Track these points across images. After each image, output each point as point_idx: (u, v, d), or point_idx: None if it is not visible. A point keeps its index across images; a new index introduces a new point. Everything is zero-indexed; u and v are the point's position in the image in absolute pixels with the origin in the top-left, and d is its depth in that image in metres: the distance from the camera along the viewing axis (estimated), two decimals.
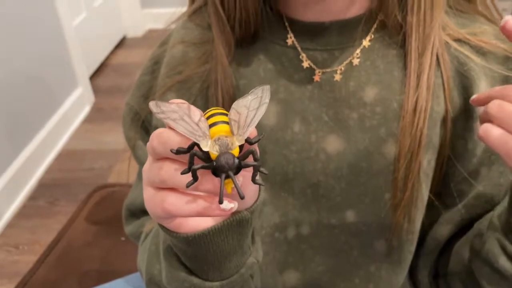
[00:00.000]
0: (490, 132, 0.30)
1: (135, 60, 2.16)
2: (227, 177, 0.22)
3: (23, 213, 1.33)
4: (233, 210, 0.24)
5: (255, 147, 0.24)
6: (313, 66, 0.40)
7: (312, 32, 0.40)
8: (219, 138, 0.23)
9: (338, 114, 0.40)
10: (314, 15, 0.40)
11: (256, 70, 0.41)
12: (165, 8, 2.43)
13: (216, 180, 0.23)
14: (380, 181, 0.41)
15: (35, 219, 1.31)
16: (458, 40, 0.41)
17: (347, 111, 0.40)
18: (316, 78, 0.40)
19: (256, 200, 0.29)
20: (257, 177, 0.24)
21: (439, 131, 0.41)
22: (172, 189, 0.25)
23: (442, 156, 0.42)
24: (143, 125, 0.46)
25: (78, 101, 1.73)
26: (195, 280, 0.31)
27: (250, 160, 0.23)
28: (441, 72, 0.40)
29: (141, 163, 0.46)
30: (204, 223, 0.28)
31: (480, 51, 0.40)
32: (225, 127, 0.24)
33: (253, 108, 0.24)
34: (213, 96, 0.41)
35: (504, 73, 0.40)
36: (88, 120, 1.75)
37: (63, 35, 1.63)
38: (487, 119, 0.32)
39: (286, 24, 0.41)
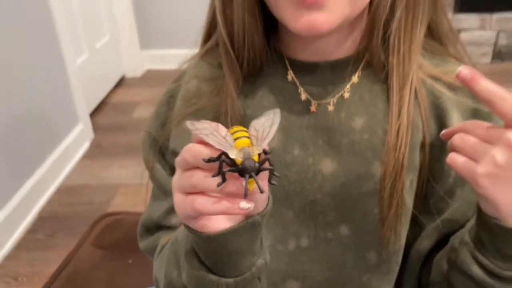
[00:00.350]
0: (456, 160, 0.37)
1: (134, 99, 2.24)
2: (250, 177, 0.28)
3: (22, 245, 1.35)
4: (250, 209, 0.30)
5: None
6: (310, 99, 0.47)
7: (308, 70, 0.47)
8: (242, 148, 0.29)
9: (331, 140, 0.47)
10: (309, 56, 0.47)
11: (260, 102, 0.48)
12: (163, 49, 2.55)
13: (239, 183, 0.29)
14: (369, 198, 0.46)
15: (34, 251, 1.33)
16: (432, 78, 0.47)
17: (339, 138, 0.46)
18: (313, 108, 0.47)
19: (266, 207, 0.34)
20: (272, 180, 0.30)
21: (419, 155, 0.47)
22: (200, 193, 0.31)
23: (422, 177, 0.48)
24: (160, 150, 0.51)
25: (79, 137, 1.78)
26: (213, 277, 0.36)
27: (266, 165, 0.29)
28: (419, 104, 0.46)
29: (158, 183, 0.51)
30: (223, 225, 0.34)
31: (451, 87, 0.47)
32: (246, 140, 0.30)
33: (267, 126, 0.31)
34: (223, 124, 0.47)
35: (473, 105, 0.47)
36: (87, 156, 1.80)
37: (66, 74, 1.71)
38: (453, 149, 0.38)
39: (287, 63, 0.48)
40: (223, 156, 0.29)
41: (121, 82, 2.41)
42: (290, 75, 0.48)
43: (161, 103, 0.52)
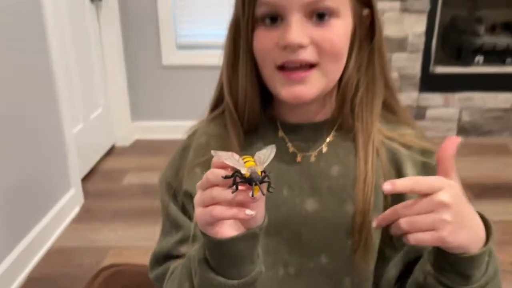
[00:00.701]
0: (421, 238, 0.45)
1: (122, 166, 2.34)
2: (255, 185, 0.40)
3: None
4: (253, 215, 0.41)
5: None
6: (296, 151, 0.60)
7: (294, 130, 0.61)
8: (250, 167, 0.41)
9: (313, 184, 0.59)
10: (295, 119, 0.61)
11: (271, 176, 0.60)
12: (152, 121, 2.70)
13: (247, 194, 0.41)
14: (343, 232, 0.58)
15: None
16: (389, 139, 0.61)
17: (320, 182, 0.59)
18: (298, 159, 0.60)
19: (263, 222, 0.45)
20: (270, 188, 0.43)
21: (382, 198, 0.59)
22: (216, 204, 0.42)
23: None
24: (173, 193, 0.62)
25: (70, 202, 1.85)
26: (220, 279, 0.46)
27: (266, 179, 0.42)
28: (380, 159, 0.59)
29: (171, 218, 0.61)
30: (231, 233, 0.44)
31: (405, 146, 0.61)
32: (252, 163, 0.42)
33: (266, 155, 0.44)
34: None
35: (422, 159, 0.60)
36: (76, 220, 1.85)
37: (64, 141, 1.82)
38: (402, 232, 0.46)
39: (278, 124, 0.61)
40: (236, 173, 0.41)
41: (111, 151, 2.52)
42: (280, 133, 0.61)
43: (176, 155, 0.64)
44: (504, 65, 2.64)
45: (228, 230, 0.44)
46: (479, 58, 2.63)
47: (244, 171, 0.41)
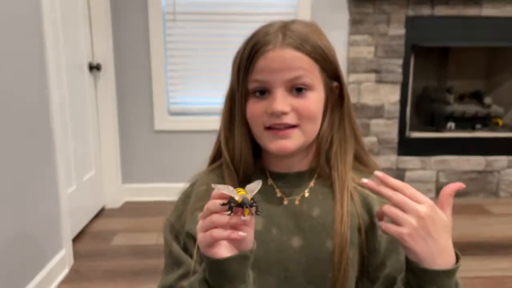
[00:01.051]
0: (389, 227, 0.58)
1: (111, 228, 2.37)
2: (246, 207, 0.50)
3: None
4: (244, 236, 0.51)
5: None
6: (283, 196, 0.71)
7: (282, 178, 0.72)
8: (242, 195, 0.52)
9: (298, 224, 0.69)
10: (282, 169, 0.72)
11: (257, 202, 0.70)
12: (142, 183, 2.78)
13: (239, 218, 0.51)
14: (325, 265, 0.67)
15: None
16: (361, 186, 0.72)
17: (303, 222, 0.69)
18: (285, 202, 0.70)
19: (253, 247, 0.55)
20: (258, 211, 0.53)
21: (357, 236, 0.69)
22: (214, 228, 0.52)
23: (361, 253, 0.69)
24: (176, 234, 0.71)
25: (60, 262, 1.86)
26: None
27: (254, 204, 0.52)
28: (354, 202, 0.70)
29: (174, 255, 0.69)
30: (227, 254, 0.54)
31: (375, 192, 0.72)
32: (244, 192, 0.53)
33: (255, 187, 0.55)
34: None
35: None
36: (66, 281, 1.86)
37: (58, 202, 1.87)
38: (382, 219, 0.59)
39: (267, 173, 0.73)
40: (231, 200, 0.52)
41: (101, 212, 2.56)
42: (270, 181, 0.72)
43: (179, 202, 0.74)
44: (474, 130, 2.84)
45: (224, 252, 0.54)
46: (451, 124, 2.84)
47: (237, 197, 0.51)
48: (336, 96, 0.71)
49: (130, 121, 2.71)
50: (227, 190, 0.53)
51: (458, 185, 0.59)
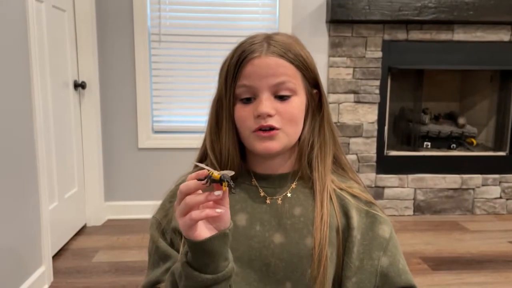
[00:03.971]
0: None
1: (93, 245, 2.36)
2: (226, 181, 0.54)
3: None
4: (222, 213, 0.55)
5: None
6: (266, 195, 0.76)
7: (265, 179, 0.77)
8: (221, 172, 0.55)
9: (280, 221, 0.73)
10: (265, 170, 0.77)
11: (234, 196, 0.75)
12: (124, 201, 2.78)
13: (216, 195, 0.54)
14: (304, 262, 0.71)
15: None
16: (340, 189, 0.77)
17: (285, 220, 0.73)
18: (268, 201, 0.75)
19: (230, 225, 0.59)
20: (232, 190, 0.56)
21: (335, 235, 0.73)
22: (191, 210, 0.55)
23: (339, 252, 0.74)
24: (162, 230, 0.74)
25: (40, 279, 1.85)
26: (203, 275, 0.58)
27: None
28: (333, 203, 0.75)
29: (160, 250, 0.72)
30: (207, 234, 0.57)
31: (352, 195, 0.77)
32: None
33: (227, 173, 0.57)
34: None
35: (365, 208, 0.76)
36: None
37: (39, 218, 1.87)
38: None
39: (252, 174, 0.77)
40: (209, 176, 0.55)
41: (82, 230, 2.55)
42: (254, 181, 0.77)
43: (166, 201, 0.78)
44: (450, 149, 2.94)
45: (205, 233, 0.58)
46: (428, 143, 2.94)
47: (216, 173, 0.55)
48: (316, 103, 0.77)
49: (114, 139, 2.73)
50: (208, 168, 0.56)
51: None
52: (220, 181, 0.55)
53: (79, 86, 2.46)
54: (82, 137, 2.56)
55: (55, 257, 2.16)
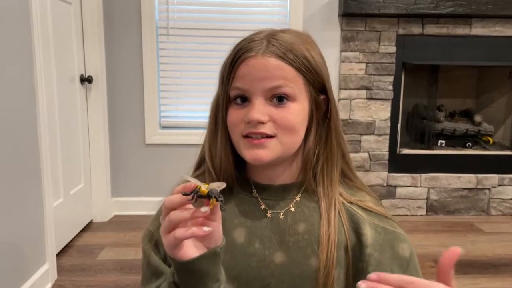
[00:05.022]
0: None
1: (98, 242, 2.33)
2: (214, 198, 0.48)
3: None
4: (209, 231, 0.49)
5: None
6: (267, 208, 0.69)
7: (266, 190, 0.70)
8: (209, 186, 0.49)
9: (282, 238, 0.67)
10: (267, 181, 0.70)
11: (233, 209, 0.68)
12: (131, 197, 2.74)
13: (203, 212, 0.48)
14: (308, 284, 0.64)
15: None
16: (349, 202, 0.70)
17: (287, 237, 0.66)
18: (269, 215, 0.68)
19: (221, 243, 0.53)
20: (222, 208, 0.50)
21: (344, 255, 0.66)
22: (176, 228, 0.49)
23: (348, 274, 0.67)
24: (155, 243, 0.68)
25: (43, 277, 1.82)
26: None
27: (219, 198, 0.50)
28: (341, 219, 0.68)
29: (152, 264, 0.67)
30: (195, 254, 0.51)
31: (365, 210, 0.70)
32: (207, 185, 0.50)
33: (217, 185, 0.51)
34: None
35: (379, 224, 0.68)
36: None
37: (43, 215, 1.84)
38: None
39: (252, 184, 0.71)
40: (196, 190, 0.49)
41: (88, 226, 2.52)
42: (254, 192, 0.70)
43: (160, 210, 0.71)
44: (465, 148, 2.85)
45: (192, 252, 0.52)
46: (442, 142, 2.85)
47: (204, 188, 0.49)
48: (323, 110, 0.69)
49: (121, 134, 2.69)
50: (195, 181, 0.50)
51: (456, 252, 0.48)
52: (208, 196, 0.49)
53: (85, 80, 2.42)
54: (88, 132, 2.53)
55: (60, 253, 2.13)
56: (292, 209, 0.68)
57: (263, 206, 0.69)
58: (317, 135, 0.69)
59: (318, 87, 0.67)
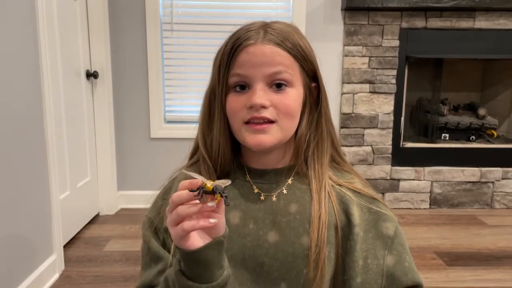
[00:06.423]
0: None
1: (105, 234, 2.38)
2: (219, 193, 0.50)
3: None
4: (216, 223, 0.51)
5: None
6: (260, 192, 0.72)
7: (259, 174, 0.73)
8: (214, 183, 0.51)
9: (275, 219, 0.69)
10: (260, 165, 0.73)
11: (228, 193, 0.71)
12: (137, 191, 2.78)
13: (210, 206, 0.51)
14: (300, 261, 0.67)
15: None
16: (338, 185, 0.73)
17: (280, 218, 0.69)
18: (262, 198, 0.71)
19: (225, 232, 0.55)
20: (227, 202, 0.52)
21: (334, 234, 0.69)
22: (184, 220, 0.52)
23: (338, 251, 0.70)
24: (155, 229, 0.71)
25: (51, 267, 1.87)
26: (197, 285, 0.55)
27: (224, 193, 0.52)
28: (331, 201, 0.71)
29: (152, 251, 0.69)
30: (200, 244, 0.54)
31: (354, 191, 0.73)
32: (212, 182, 0.53)
33: (223, 182, 0.54)
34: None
35: (367, 205, 0.72)
36: (55, 286, 1.85)
37: (50, 207, 1.88)
38: None
39: (246, 169, 0.73)
40: (202, 186, 0.51)
41: (95, 219, 2.57)
42: (247, 177, 0.73)
43: (158, 198, 0.75)
44: (469, 141, 2.85)
45: (198, 242, 0.54)
46: (446, 135, 2.85)
47: (209, 184, 0.52)
48: (315, 97, 0.73)
49: (126, 128, 2.73)
50: (199, 177, 0.53)
51: None
52: (213, 192, 0.52)
53: (91, 75, 2.46)
54: (94, 126, 2.57)
55: (67, 245, 2.18)
56: (285, 191, 0.71)
57: (256, 190, 0.72)
58: (309, 121, 0.72)
59: (311, 74, 0.71)
